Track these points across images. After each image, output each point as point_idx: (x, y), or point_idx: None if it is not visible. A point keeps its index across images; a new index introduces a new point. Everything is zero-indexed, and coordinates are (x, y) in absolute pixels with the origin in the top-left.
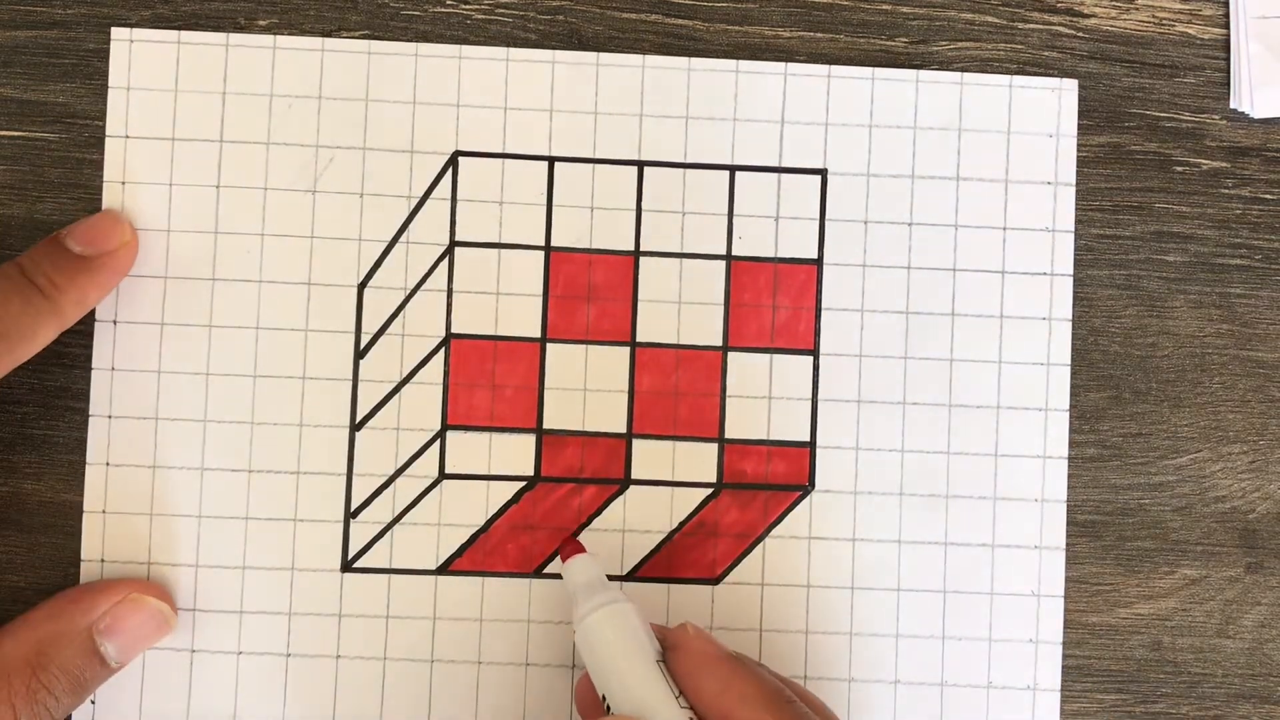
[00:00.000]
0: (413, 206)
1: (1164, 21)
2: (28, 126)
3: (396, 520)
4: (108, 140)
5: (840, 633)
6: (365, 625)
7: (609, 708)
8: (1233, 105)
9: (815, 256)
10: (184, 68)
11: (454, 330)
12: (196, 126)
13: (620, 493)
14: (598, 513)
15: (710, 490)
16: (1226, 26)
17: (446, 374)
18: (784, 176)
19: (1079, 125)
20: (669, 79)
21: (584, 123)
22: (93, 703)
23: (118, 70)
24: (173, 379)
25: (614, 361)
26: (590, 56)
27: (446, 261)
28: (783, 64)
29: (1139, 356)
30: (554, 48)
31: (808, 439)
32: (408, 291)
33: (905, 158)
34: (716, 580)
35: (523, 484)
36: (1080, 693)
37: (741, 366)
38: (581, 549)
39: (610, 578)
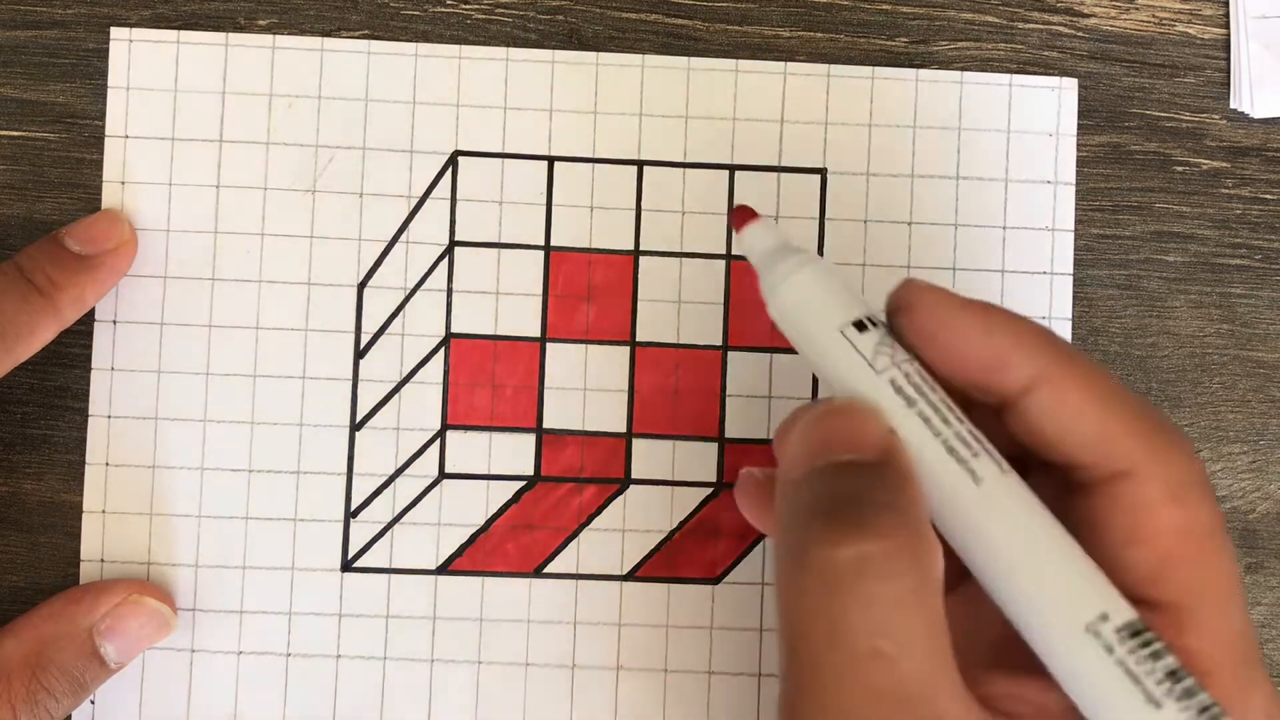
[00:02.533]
0: (412, 206)
1: (1164, 21)
2: (27, 126)
3: (396, 520)
4: (107, 140)
5: None
6: (365, 625)
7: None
8: (1233, 105)
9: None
10: (183, 67)
11: (454, 330)
12: (196, 126)
13: (620, 492)
14: (598, 512)
15: (710, 490)
16: (1226, 26)
17: (446, 374)
18: (783, 176)
19: (1079, 125)
20: (668, 78)
21: (583, 122)
22: (92, 702)
23: (117, 70)
24: (172, 379)
25: (614, 361)
26: (590, 56)
27: (446, 261)
28: (782, 63)
29: (1139, 356)
30: (554, 47)
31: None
32: (407, 291)
33: (905, 157)
34: (717, 580)
35: (523, 483)
36: None
37: (742, 366)
38: (754, 215)
39: (610, 578)
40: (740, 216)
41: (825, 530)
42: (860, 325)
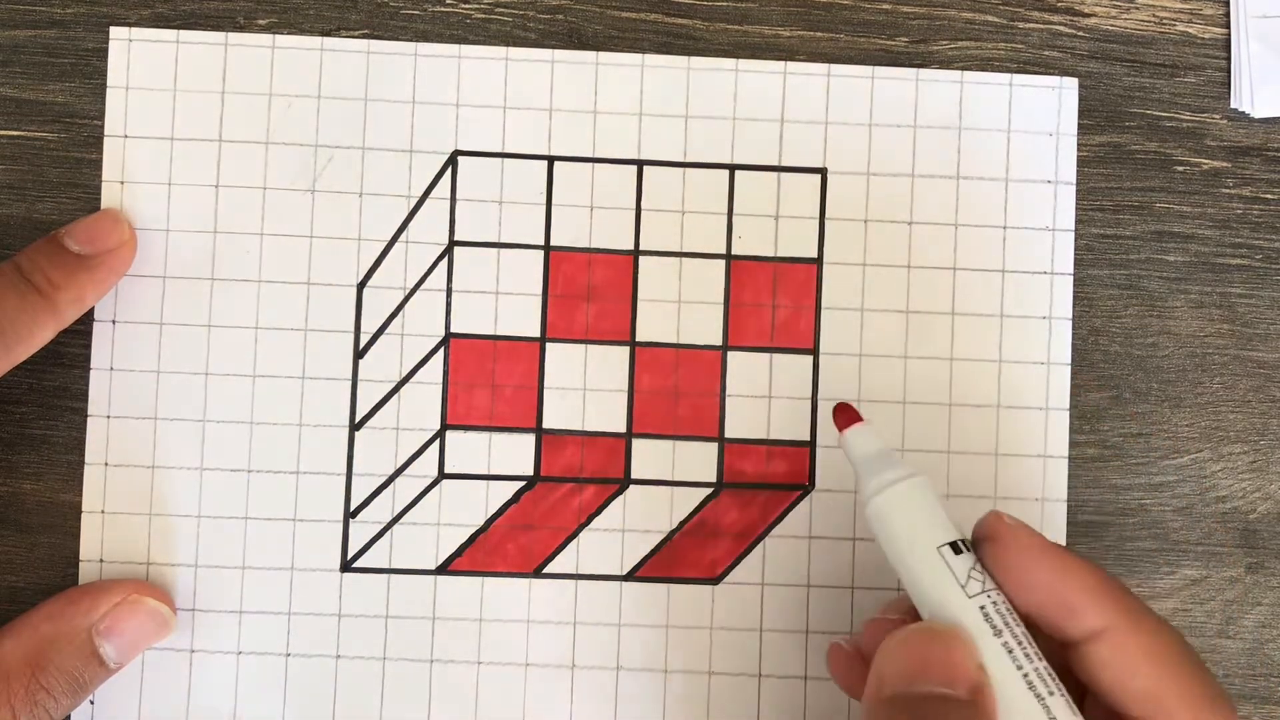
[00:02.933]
0: (412, 206)
1: (1164, 21)
2: (27, 126)
3: (396, 520)
4: (106, 140)
5: (840, 633)
6: (365, 625)
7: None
8: (1233, 105)
9: (815, 255)
10: (183, 67)
11: (453, 330)
12: (195, 126)
13: (620, 492)
14: (597, 512)
15: (710, 490)
16: (1227, 26)
17: (446, 374)
18: (784, 175)
19: (1079, 125)
20: (668, 78)
21: (583, 122)
22: (91, 703)
23: (116, 70)
24: (172, 379)
25: (613, 361)
26: (589, 56)
27: (446, 261)
28: (782, 63)
29: (1139, 356)
30: (554, 47)
31: (808, 438)
32: (407, 291)
33: (905, 156)
34: (716, 580)
35: (522, 484)
36: None
37: (741, 366)
38: (858, 417)
39: (609, 578)
40: (843, 418)
41: None
42: (955, 548)
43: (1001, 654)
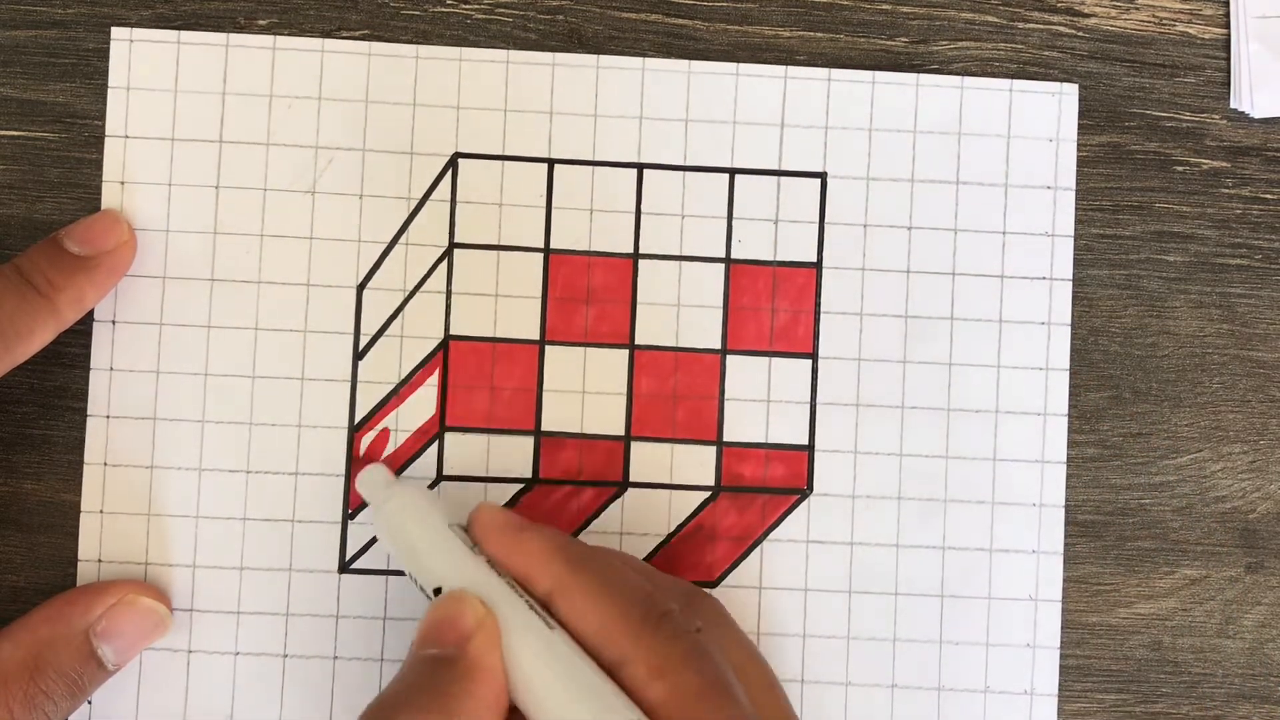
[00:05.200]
0: (412, 208)
1: (1164, 21)
2: (27, 126)
3: None
4: (107, 140)
5: (838, 636)
6: (363, 626)
7: (419, 586)
8: (1233, 105)
9: (814, 260)
10: (184, 68)
11: (453, 332)
12: (196, 127)
13: (618, 495)
14: (596, 515)
15: (708, 493)
16: (1227, 26)
17: (445, 375)
18: (783, 179)
19: (1079, 125)
20: (668, 82)
21: (584, 125)
22: (89, 703)
23: (117, 70)
24: (171, 379)
25: (613, 364)
26: (590, 59)
27: (446, 263)
28: (782, 67)
29: (1139, 356)
30: (554, 48)
31: (806, 442)
32: (407, 293)
33: (905, 161)
34: (714, 583)
35: (521, 486)
36: (1080, 693)
37: (740, 369)
38: (365, 462)
39: None
40: (356, 468)
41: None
42: (463, 528)
43: (504, 588)
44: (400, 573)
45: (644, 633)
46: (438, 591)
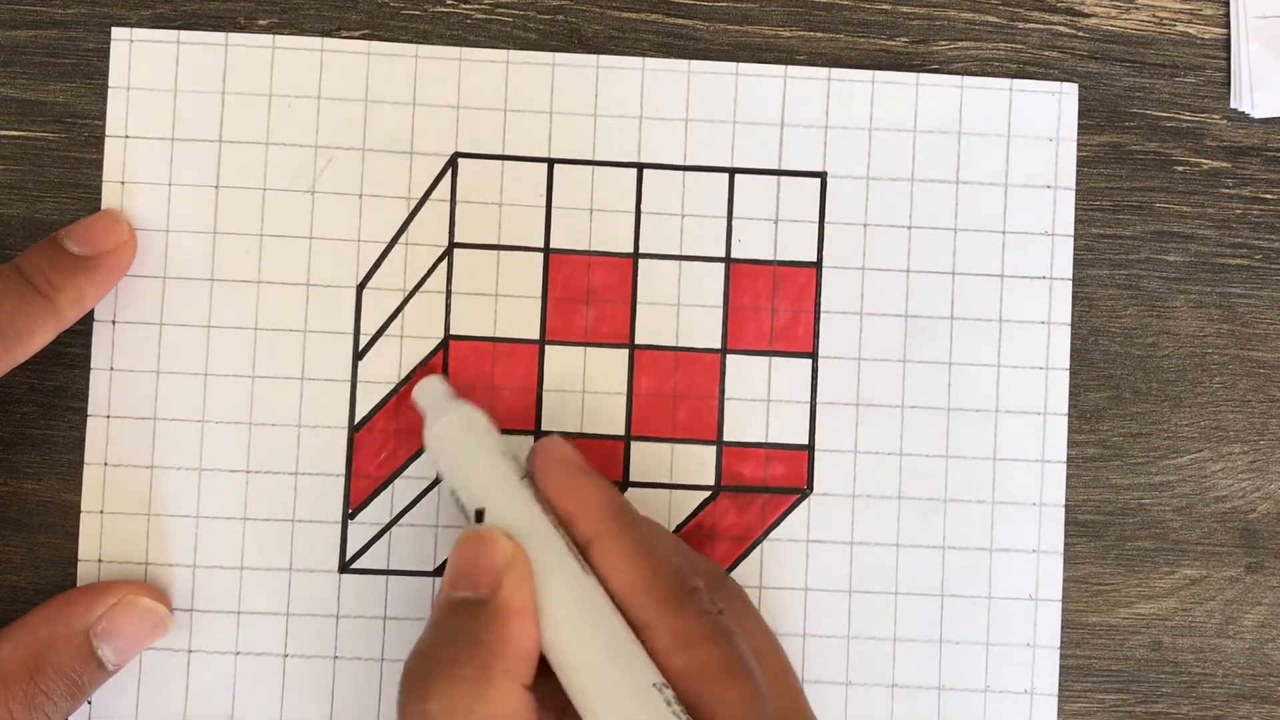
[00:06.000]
0: (412, 208)
1: (1164, 21)
2: (28, 126)
3: (394, 521)
4: (107, 140)
5: (838, 636)
6: (363, 626)
7: (461, 506)
8: (1233, 105)
9: (814, 259)
10: (184, 68)
11: (453, 332)
12: (196, 126)
13: None
14: None
15: (708, 493)
16: (1227, 26)
17: (445, 373)
18: (783, 179)
19: (1079, 125)
20: (668, 81)
21: (583, 125)
22: (89, 704)
23: (118, 70)
24: (171, 379)
25: (613, 364)
26: (590, 59)
27: (445, 263)
28: (782, 66)
29: (1139, 356)
30: (554, 47)
31: (806, 442)
32: (407, 293)
33: (905, 161)
34: None
35: None
36: (1080, 693)
37: (740, 369)
38: (425, 373)
39: None
40: (417, 378)
41: (404, 679)
42: (509, 456)
43: (548, 524)
44: (399, 574)
45: (670, 602)
46: (480, 514)
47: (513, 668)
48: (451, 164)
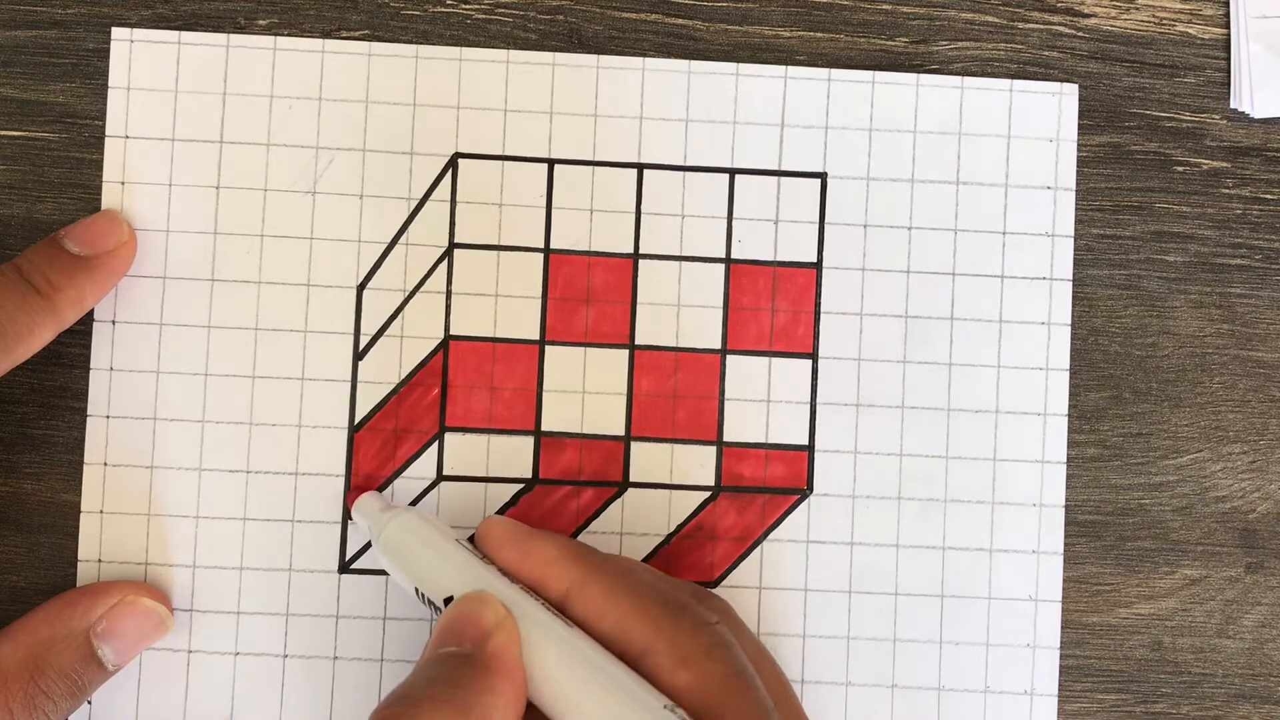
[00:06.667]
0: (412, 208)
1: (1164, 21)
2: (28, 126)
3: None
4: (107, 140)
5: (838, 637)
6: (362, 626)
7: (427, 601)
8: (1233, 105)
9: (815, 260)
10: (184, 68)
11: (453, 332)
12: (196, 127)
13: (618, 495)
14: (595, 515)
15: (709, 493)
16: (1227, 26)
17: (445, 376)
18: (784, 180)
19: (1079, 125)
20: (669, 82)
21: (584, 125)
22: (89, 703)
23: (118, 70)
24: (171, 380)
25: (613, 364)
26: (590, 59)
27: (446, 263)
28: (782, 67)
29: (1139, 356)
30: (554, 48)
31: (806, 442)
32: (407, 293)
33: (905, 161)
34: (714, 583)
35: (521, 486)
36: (1080, 693)
37: (740, 370)
38: (360, 491)
39: None
40: (351, 498)
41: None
42: (460, 542)
43: (520, 593)
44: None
45: (665, 624)
46: (447, 601)
47: (496, 715)
48: (452, 164)
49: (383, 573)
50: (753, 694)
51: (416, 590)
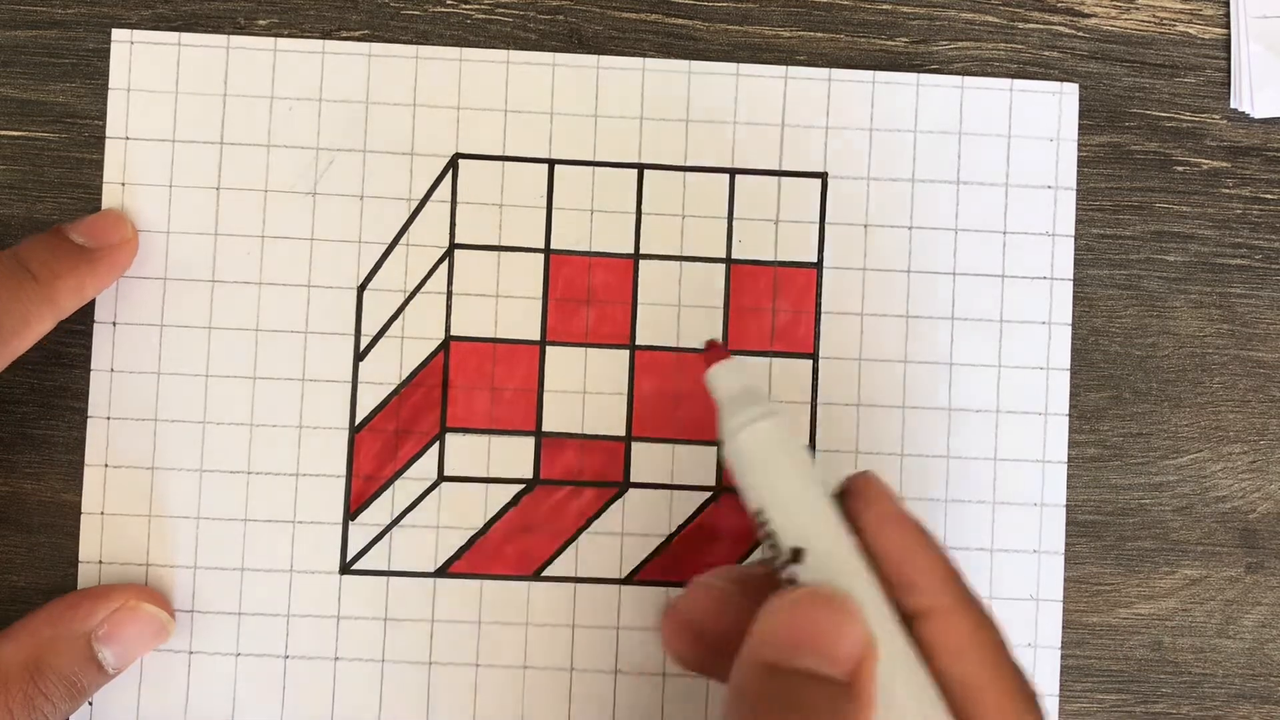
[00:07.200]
0: (413, 209)
1: (1164, 21)
2: (28, 126)
3: (395, 523)
4: (108, 142)
5: None
6: (364, 627)
7: (769, 533)
8: (1233, 105)
9: (815, 260)
10: (184, 70)
11: (453, 333)
12: (197, 128)
13: (619, 496)
14: (596, 516)
15: (709, 494)
16: (1227, 26)
17: (446, 376)
18: (784, 180)
19: (1079, 125)
20: (669, 82)
21: (584, 125)
22: (90, 704)
23: (118, 72)
24: (172, 380)
25: (613, 364)
26: (590, 59)
27: (446, 264)
28: (783, 67)
29: (1139, 356)
30: (554, 48)
31: (807, 443)
32: (407, 294)
33: (905, 161)
34: None
35: (521, 486)
36: (1080, 693)
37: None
38: (725, 354)
39: (608, 581)
40: (712, 354)
41: None
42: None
43: (876, 595)
44: (399, 575)
45: (1015, 701)
46: (797, 554)
47: None
48: (452, 165)
49: (384, 574)
50: None
51: (759, 513)
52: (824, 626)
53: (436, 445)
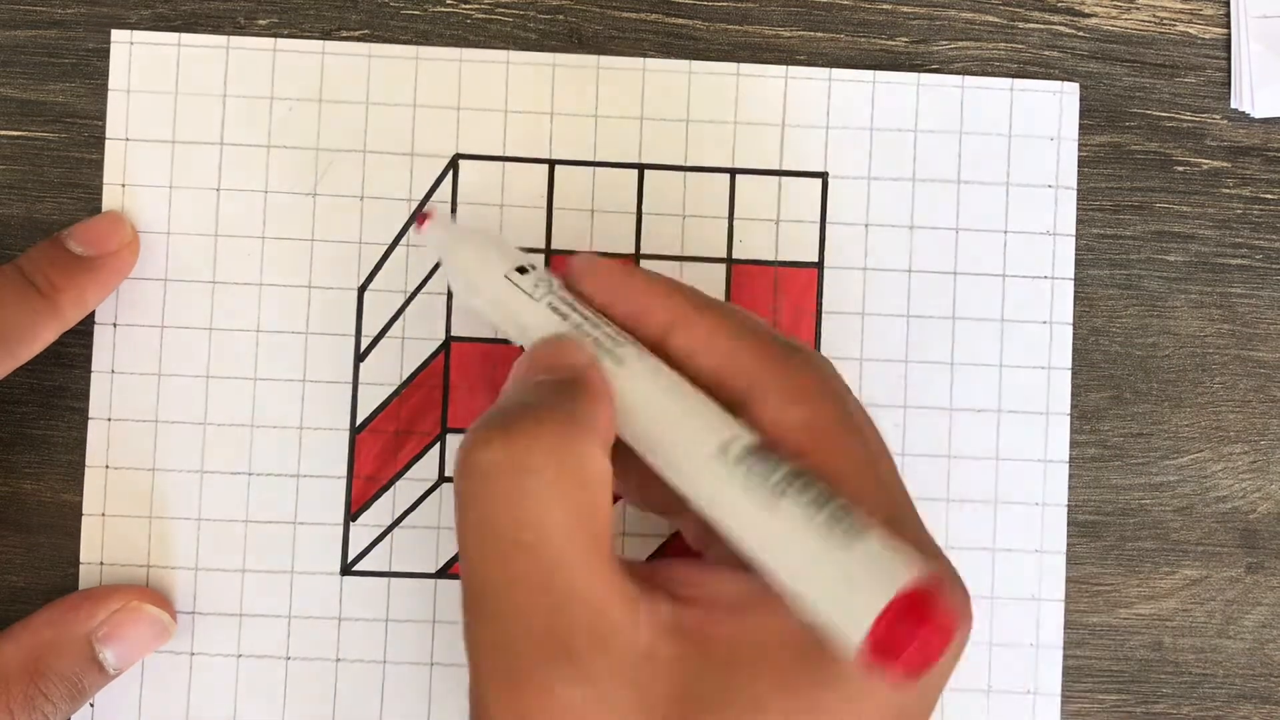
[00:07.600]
0: (413, 209)
1: (1164, 21)
2: (28, 126)
3: (396, 524)
4: (108, 143)
5: None
6: (365, 628)
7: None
8: (1233, 105)
9: (816, 260)
10: (184, 70)
11: (454, 333)
12: (197, 129)
13: (620, 497)
14: None
15: None
16: (1227, 26)
17: (447, 377)
18: (785, 180)
19: (1079, 125)
20: (669, 82)
21: (584, 126)
22: (91, 705)
23: (118, 73)
24: (172, 381)
25: None
26: (590, 59)
27: None
28: (783, 67)
29: (1140, 356)
30: (554, 48)
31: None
32: (408, 294)
33: (906, 161)
34: None
35: None
36: (1081, 693)
37: None
38: (428, 215)
39: None
40: (420, 221)
41: (475, 434)
42: (521, 270)
43: (611, 331)
44: (400, 575)
45: (776, 361)
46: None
47: (595, 434)
48: (452, 165)
49: (385, 574)
50: (863, 438)
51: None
52: (550, 351)
53: (437, 446)
